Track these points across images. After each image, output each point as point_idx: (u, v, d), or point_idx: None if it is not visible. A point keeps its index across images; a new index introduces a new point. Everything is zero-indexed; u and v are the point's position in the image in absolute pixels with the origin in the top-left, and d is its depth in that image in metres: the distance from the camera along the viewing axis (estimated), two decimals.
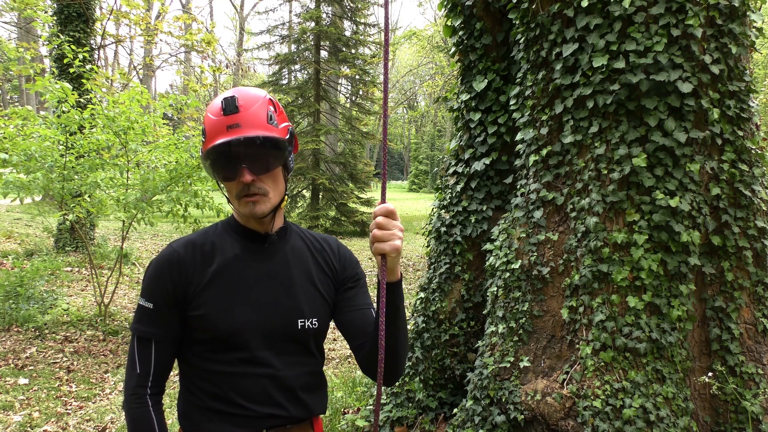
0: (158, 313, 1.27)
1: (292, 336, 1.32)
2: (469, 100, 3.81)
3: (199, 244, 1.32)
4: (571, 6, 2.77)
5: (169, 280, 1.27)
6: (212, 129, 1.25)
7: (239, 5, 35.12)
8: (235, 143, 1.21)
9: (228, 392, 1.27)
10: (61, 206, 5.73)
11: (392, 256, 1.15)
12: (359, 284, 1.44)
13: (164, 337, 1.28)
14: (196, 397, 1.30)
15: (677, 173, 2.60)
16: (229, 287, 1.28)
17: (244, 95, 1.26)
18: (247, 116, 1.23)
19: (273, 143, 1.24)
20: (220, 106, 1.24)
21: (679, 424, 2.51)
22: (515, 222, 3.15)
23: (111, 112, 5.16)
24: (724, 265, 2.69)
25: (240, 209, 1.29)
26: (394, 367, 1.29)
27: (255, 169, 1.23)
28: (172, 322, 1.28)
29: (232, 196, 1.29)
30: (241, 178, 1.23)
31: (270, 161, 1.26)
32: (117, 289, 6.47)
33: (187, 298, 1.27)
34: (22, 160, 5.15)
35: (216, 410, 1.28)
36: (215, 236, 1.35)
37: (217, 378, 1.28)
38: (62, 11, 8.96)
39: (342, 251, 1.46)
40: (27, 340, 5.16)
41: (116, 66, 28.35)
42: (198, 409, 1.30)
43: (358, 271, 1.46)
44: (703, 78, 2.58)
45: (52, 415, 3.84)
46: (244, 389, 1.27)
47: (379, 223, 1.13)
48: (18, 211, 13.90)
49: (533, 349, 2.92)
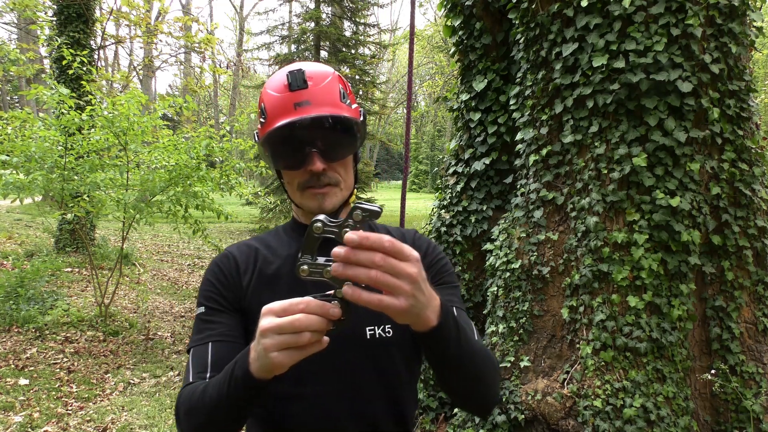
0: (212, 315, 1.09)
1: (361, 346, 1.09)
2: (469, 100, 3.81)
3: (255, 246, 1.17)
4: (570, 6, 2.77)
5: (219, 282, 1.11)
6: (275, 107, 1.05)
7: (239, 5, 35.15)
8: (305, 124, 1.01)
9: (281, 419, 1.06)
10: (61, 206, 5.74)
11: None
12: (440, 279, 1.16)
13: (222, 336, 1.06)
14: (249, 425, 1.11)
15: (677, 173, 2.60)
16: (284, 292, 1.00)
17: (312, 69, 1.07)
18: (317, 92, 1.04)
19: (348, 125, 1.05)
20: (284, 81, 1.04)
21: (680, 423, 2.51)
22: (515, 222, 3.15)
23: (110, 114, 5.17)
24: (725, 265, 2.69)
25: (304, 203, 1.09)
26: (474, 397, 1.02)
27: (327, 156, 1.04)
28: (228, 323, 1.08)
29: (293, 188, 1.10)
30: (310, 166, 1.03)
31: (343, 147, 1.07)
32: (117, 289, 6.47)
33: (240, 302, 1.10)
34: (22, 161, 5.15)
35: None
36: (272, 238, 1.20)
37: (268, 404, 1.06)
38: (62, 12, 8.96)
39: (418, 242, 1.20)
40: (27, 341, 5.16)
41: (116, 67, 28.36)
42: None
43: (440, 262, 1.19)
44: (703, 77, 2.58)
45: (52, 415, 3.84)
46: (296, 414, 1.06)
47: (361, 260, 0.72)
48: (18, 211, 13.90)
49: (533, 349, 2.91)
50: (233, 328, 1.07)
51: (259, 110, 1.12)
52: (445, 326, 0.84)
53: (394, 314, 0.76)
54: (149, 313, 6.67)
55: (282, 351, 0.76)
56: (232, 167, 6.03)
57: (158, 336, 5.82)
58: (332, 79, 1.07)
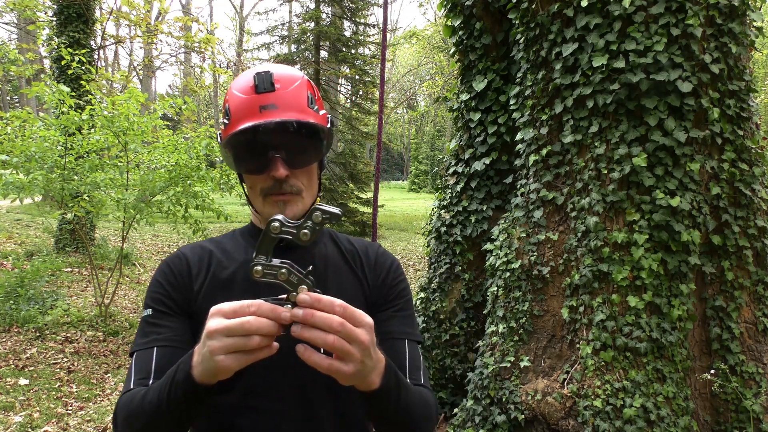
0: (159, 318, 1.04)
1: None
2: (469, 100, 3.81)
3: (209, 248, 1.12)
4: (570, 6, 2.77)
5: (169, 283, 1.06)
6: (240, 109, 1.01)
7: (239, 5, 35.16)
8: (270, 128, 0.98)
9: (229, 430, 1.02)
10: (61, 206, 5.74)
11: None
12: (395, 305, 1.12)
13: (167, 341, 1.01)
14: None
15: (677, 173, 2.60)
16: (237, 298, 0.93)
17: (280, 72, 1.03)
18: (284, 96, 1.00)
19: (314, 132, 1.02)
20: (251, 83, 1.00)
21: (680, 423, 2.51)
22: (515, 222, 3.15)
23: (110, 114, 5.17)
24: (725, 265, 2.69)
25: (264, 209, 1.05)
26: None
27: (291, 162, 1.01)
28: (176, 327, 1.03)
29: (255, 193, 1.06)
30: (273, 172, 1.00)
31: (308, 154, 1.04)
32: (117, 289, 6.47)
33: (190, 306, 1.05)
34: (22, 161, 5.15)
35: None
36: (228, 241, 1.15)
37: (216, 415, 1.02)
38: (62, 12, 8.96)
39: (380, 260, 1.16)
40: (27, 341, 5.16)
41: (116, 67, 28.37)
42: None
43: (398, 285, 1.15)
44: (703, 77, 2.58)
45: (52, 415, 3.84)
46: (244, 427, 1.02)
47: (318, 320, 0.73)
48: (18, 211, 13.91)
49: (533, 349, 2.91)
50: (180, 332, 1.03)
51: (223, 110, 1.08)
52: (386, 388, 0.85)
53: (341, 378, 0.77)
54: None
55: (229, 354, 0.74)
56: None
57: None
58: (300, 83, 1.04)
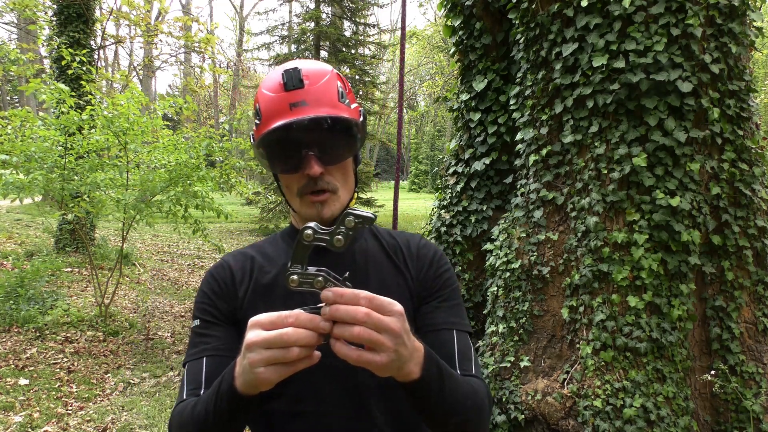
0: (206, 328, 1.05)
1: None
2: (469, 100, 3.81)
3: (251, 254, 1.11)
4: (570, 6, 2.77)
5: (214, 293, 1.06)
6: (270, 108, 0.99)
7: (239, 5, 35.16)
8: (302, 125, 0.95)
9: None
10: (61, 206, 5.74)
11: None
12: (440, 296, 1.08)
13: (216, 351, 1.02)
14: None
15: (677, 173, 2.60)
16: (279, 303, 0.98)
17: (308, 67, 1.01)
18: (314, 92, 0.98)
19: (346, 126, 0.99)
20: (279, 81, 0.98)
21: (680, 423, 2.51)
22: (515, 222, 3.15)
23: (110, 114, 5.17)
24: (725, 265, 2.69)
25: (302, 210, 1.03)
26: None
27: (325, 159, 0.99)
28: (223, 336, 1.03)
29: (291, 193, 1.04)
30: (307, 171, 0.98)
31: (342, 149, 1.01)
32: (117, 289, 6.47)
33: (236, 314, 1.05)
34: (22, 161, 5.15)
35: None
36: (269, 245, 1.14)
37: (268, 421, 1.03)
38: (62, 12, 8.96)
39: (423, 251, 1.12)
40: (27, 341, 5.16)
41: (116, 67, 28.38)
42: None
43: (443, 276, 1.11)
44: (703, 77, 2.58)
45: (52, 415, 3.84)
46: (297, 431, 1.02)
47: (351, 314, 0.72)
48: (18, 211, 13.91)
49: (533, 349, 2.91)
50: (228, 341, 1.03)
51: (254, 110, 1.07)
52: (427, 378, 0.82)
53: (375, 369, 0.74)
54: (149, 313, 6.67)
55: (269, 366, 0.73)
56: (232, 166, 6.03)
57: (158, 336, 5.83)
58: (330, 77, 1.01)
